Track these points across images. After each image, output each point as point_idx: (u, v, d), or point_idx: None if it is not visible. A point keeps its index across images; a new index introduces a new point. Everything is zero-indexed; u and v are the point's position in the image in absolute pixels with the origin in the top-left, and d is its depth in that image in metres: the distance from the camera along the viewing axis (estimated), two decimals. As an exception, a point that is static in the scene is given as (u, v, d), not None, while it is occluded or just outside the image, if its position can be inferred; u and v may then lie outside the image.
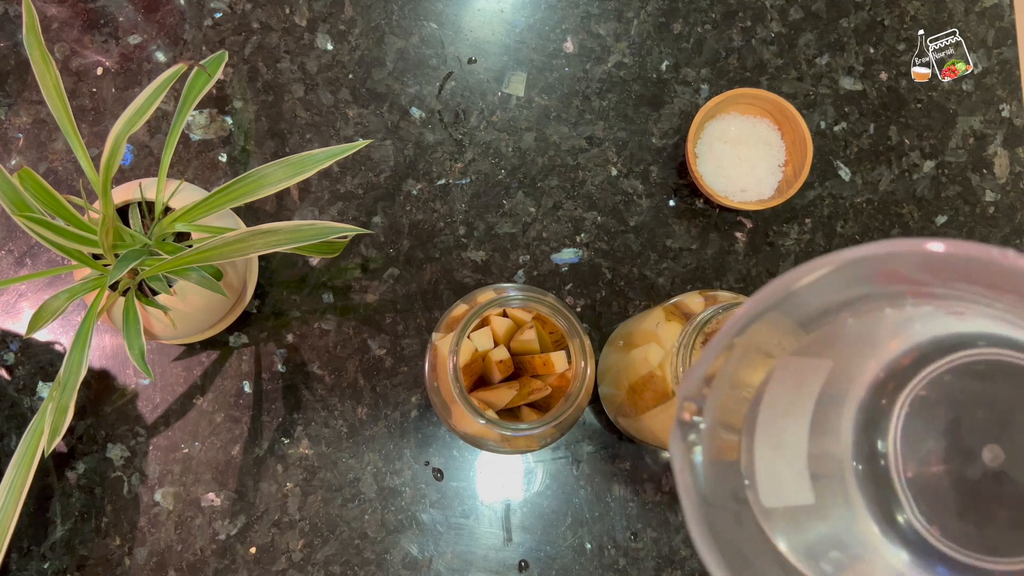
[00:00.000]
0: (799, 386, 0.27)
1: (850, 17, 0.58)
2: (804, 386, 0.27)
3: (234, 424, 0.52)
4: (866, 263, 0.23)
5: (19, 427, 0.51)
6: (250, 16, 0.57)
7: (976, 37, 0.58)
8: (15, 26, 0.56)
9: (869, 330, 0.29)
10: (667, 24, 0.58)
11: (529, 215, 0.55)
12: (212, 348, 0.52)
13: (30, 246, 0.54)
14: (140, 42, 0.56)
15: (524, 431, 0.39)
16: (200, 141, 0.55)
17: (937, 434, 0.26)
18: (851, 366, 0.29)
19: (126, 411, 0.52)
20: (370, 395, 0.52)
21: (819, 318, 0.28)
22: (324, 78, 0.56)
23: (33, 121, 0.55)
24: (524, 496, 0.52)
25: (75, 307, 0.52)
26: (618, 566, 0.51)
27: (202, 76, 0.43)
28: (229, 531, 0.50)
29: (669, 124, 0.57)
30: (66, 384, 0.40)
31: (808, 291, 0.24)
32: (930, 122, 0.57)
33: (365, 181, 0.55)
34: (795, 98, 0.57)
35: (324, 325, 0.53)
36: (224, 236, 0.40)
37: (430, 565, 0.50)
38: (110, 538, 0.50)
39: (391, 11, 0.57)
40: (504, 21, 0.58)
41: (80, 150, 0.42)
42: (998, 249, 0.20)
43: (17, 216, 0.38)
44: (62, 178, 0.54)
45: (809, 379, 0.27)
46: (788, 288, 0.24)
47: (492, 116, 0.56)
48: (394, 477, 0.51)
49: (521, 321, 0.45)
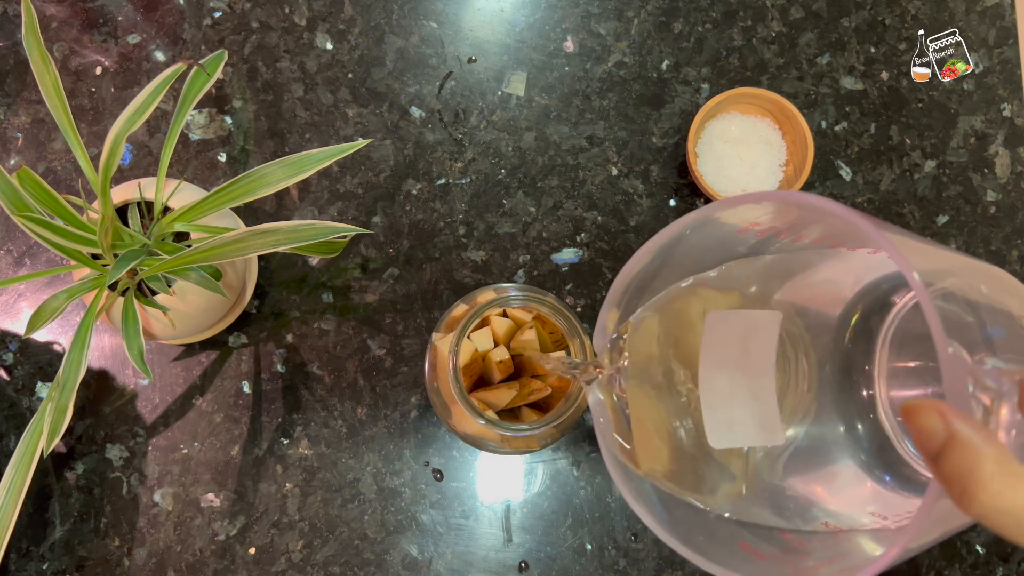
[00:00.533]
0: (747, 338, 0.29)
1: (851, 16, 0.58)
2: (756, 336, 0.29)
3: (233, 424, 0.51)
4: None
5: (18, 427, 0.51)
6: (249, 15, 0.56)
7: (977, 36, 0.58)
8: (14, 25, 0.56)
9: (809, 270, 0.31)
10: (667, 23, 0.58)
11: (529, 215, 0.55)
12: (211, 348, 0.52)
13: (29, 246, 0.53)
14: (139, 41, 0.56)
15: (524, 431, 0.39)
16: (199, 141, 0.55)
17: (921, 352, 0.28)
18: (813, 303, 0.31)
19: (125, 411, 0.51)
20: (370, 395, 0.52)
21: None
22: (324, 77, 0.56)
23: (32, 121, 0.55)
24: (524, 497, 0.51)
25: (74, 307, 0.52)
26: (618, 567, 0.50)
27: (201, 76, 0.43)
28: (228, 532, 0.50)
29: (669, 124, 0.57)
30: (65, 384, 0.40)
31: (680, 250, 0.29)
32: (931, 122, 0.57)
33: (365, 181, 0.55)
34: (796, 97, 0.57)
35: (324, 325, 0.53)
36: (223, 236, 0.40)
37: (430, 566, 0.50)
38: (109, 539, 0.50)
39: (391, 10, 0.57)
40: (504, 20, 0.58)
41: (79, 150, 0.41)
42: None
43: (16, 216, 0.38)
44: (61, 178, 0.54)
45: (761, 330, 0.29)
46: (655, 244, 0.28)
47: (492, 116, 0.56)
48: (394, 478, 0.51)
49: (521, 321, 0.45)
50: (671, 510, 0.29)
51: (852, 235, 0.28)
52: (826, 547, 0.28)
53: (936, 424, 0.20)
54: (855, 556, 0.27)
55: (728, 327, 0.29)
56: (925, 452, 0.20)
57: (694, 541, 0.27)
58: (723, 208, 0.27)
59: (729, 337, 0.29)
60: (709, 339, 0.29)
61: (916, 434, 0.20)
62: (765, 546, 0.28)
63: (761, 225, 0.28)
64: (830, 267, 0.31)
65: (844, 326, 0.29)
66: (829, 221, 0.27)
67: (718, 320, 0.29)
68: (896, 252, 0.20)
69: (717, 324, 0.29)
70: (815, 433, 0.30)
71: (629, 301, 0.32)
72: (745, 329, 0.29)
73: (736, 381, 0.29)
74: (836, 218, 0.23)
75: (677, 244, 0.29)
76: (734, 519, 0.29)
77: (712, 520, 0.30)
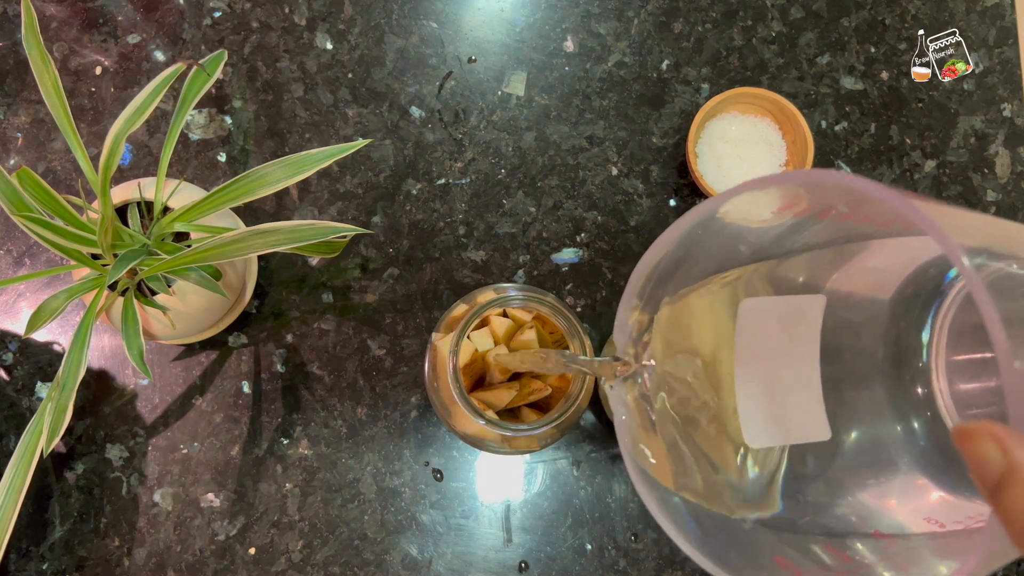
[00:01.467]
0: (787, 325, 0.26)
1: (851, 16, 0.58)
2: (797, 322, 0.26)
3: (233, 424, 0.51)
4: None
5: (18, 427, 0.51)
6: (249, 15, 0.56)
7: (977, 36, 0.58)
8: (14, 25, 0.56)
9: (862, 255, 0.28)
10: (668, 23, 0.58)
11: (529, 215, 0.55)
12: (211, 348, 0.52)
13: (29, 246, 0.53)
14: (139, 41, 0.56)
15: (524, 432, 0.39)
16: (199, 140, 0.55)
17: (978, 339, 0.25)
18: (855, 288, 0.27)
19: (125, 411, 0.51)
20: (370, 395, 0.52)
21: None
22: (323, 77, 0.56)
23: (32, 121, 0.55)
24: (524, 497, 0.51)
25: (74, 307, 0.52)
26: (618, 567, 0.50)
27: (201, 75, 0.43)
28: (228, 532, 0.50)
29: (670, 123, 0.56)
30: (65, 384, 0.40)
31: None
32: (931, 122, 0.57)
33: (365, 181, 0.55)
34: (796, 97, 0.57)
35: (323, 325, 0.53)
36: (223, 236, 0.40)
37: (430, 566, 0.50)
38: (109, 539, 0.50)
39: (391, 10, 0.57)
40: (504, 20, 0.57)
41: (79, 150, 0.41)
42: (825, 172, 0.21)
43: (16, 216, 0.38)
44: (61, 178, 0.54)
45: (804, 315, 0.26)
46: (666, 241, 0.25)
47: (492, 115, 0.56)
48: (394, 478, 0.51)
49: (521, 321, 0.45)
50: (700, 521, 0.26)
51: (899, 215, 0.25)
52: (875, 558, 0.25)
53: (994, 453, 0.17)
54: (912, 570, 0.24)
55: (765, 315, 0.26)
56: (982, 483, 0.18)
57: (727, 559, 0.24)
58: (756, 188, 0.23)
59: (766, 325, 0.26)
60: (744, 329, 0.26)
61: (971, 462, 0.18)
62: (804, 561, 0.25)
63: (798, 206, 0.25)
64: (880, 247, 0.27)
65: (898, 312, 0.26)
66: (866, 201, 0.23)
67: (753, 308, 0.26)
68: (941, 234, 0.17)
69: (752, 312, 0.26)
70: (865, 429, 0.27)
71: (653, 291, 0.28)
72: (784, 316, 0.26)
73: (776, 372, 0.26)
74: (858, 196, 0.20)
75: (703, 230, 0.26)
76: (770, 530, 0.26)
77: (745, 531, 0.26)
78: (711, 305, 0.28)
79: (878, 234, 0.26)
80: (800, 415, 0.26)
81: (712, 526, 0.26)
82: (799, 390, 0.26)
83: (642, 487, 0.25)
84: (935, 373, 0.25)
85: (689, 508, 0.26)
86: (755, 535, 0.26)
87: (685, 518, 0.25)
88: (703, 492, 0.27)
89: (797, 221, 0.26)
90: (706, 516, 0.26)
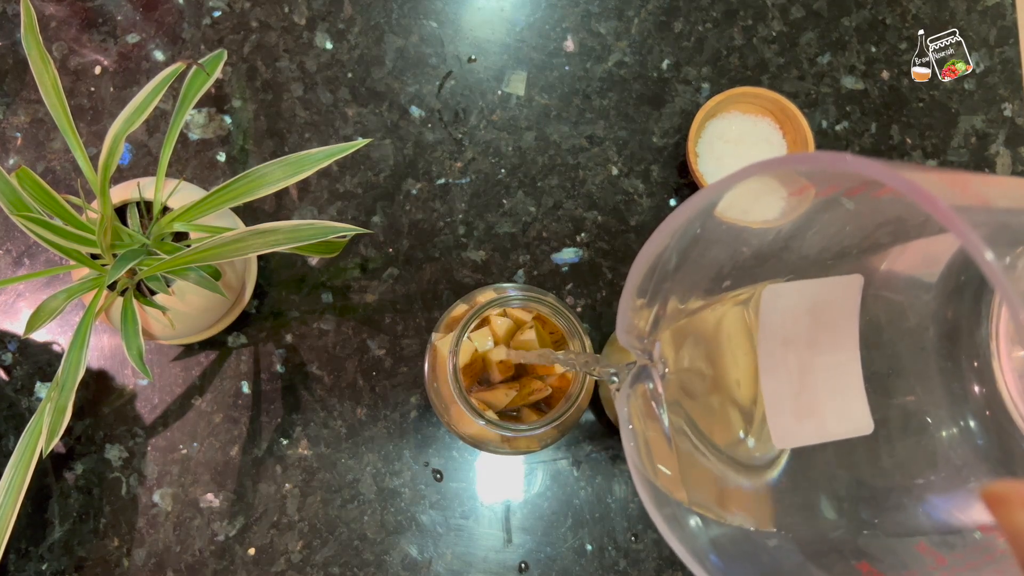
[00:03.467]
0: (818, 310, 0.23)
1: (851, 16, 0.58)
2: (831, 306, 0.23)
3: (233, 425, 0.51)
4: None
5: (17, 427, 0.51)
6: (249, 15, 0.56)
7: (978, 36, 0.58)
8: (13, 25, 0.56)
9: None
10: (668, 23, 0.58)
11: (529, 215, 0.55)
12: (211, 348, 0.52)
13: (28, 246, 0.53)
14: (138, 41, 0.56)
15: (524, 432, 0.39)
16: (199, 140, 0.55)
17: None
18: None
19: (124, 412, 0.51)
20: (369, 395, 0.52)
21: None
22: (323, 77, 0.56)
23: (31, 120, 0.55)
24: (524, 497, 0.51)
25: (73, 307, 0.52)
26: (619, 567, 0.50)
27: (201, 75, 0.43)
28: (228, 532, 0.50)
29: (670, 123, 0.56)
30: (64, 384, 0.40)
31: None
32: (932, 121, 0.57)
33: (364, 180, 0.55)
34: (796, 97, 0.57)
35: (323, 325, 0.53)
36: (223, 236, 0.40)
37: (430, 566, 0.50)
38: (108, 539, 0.50)
39: (390, 10, 0.57)
40: (504, 20, 0.57)
41: (78, 149, 0.41)
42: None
43: (15, 216, 0.38)
44: (60, 178, 0.54)
45: (837, 297, 0.23)
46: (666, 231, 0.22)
47: (492, 115, 0.56)
48: (393, 478, 0.51)
49: (521, 321, 0.45)
50: (718, 544, 0.23)
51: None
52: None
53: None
54: None
55: (791, 300, 0.24)
56: (1018, 554, 0.15)
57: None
58: (770, 168, 0.20)
59: (794, 311, 0.24)
60: (768, 316, 0.24)
61: (1006, 531, 0.16)
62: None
63: (820, 185, 0.22)
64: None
65: (947, 289, 0.23)
66: None
67: (777, 294, 0.24)
68: (959, 226, 0.14)
69: (777, 299, 0.24)
70: (911, 420, 0.24)
71: (657, 285, 0.25)
72: (814, 300, 0.24)
73: (807, 362, 0.24)
74: (860, 178, 0.18)
75: (702, 227, 0.23)
76: (797, 550, 0.23)
77: (770, 550, 0.23)
78: (723, 318, 0.26)
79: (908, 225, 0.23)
80: (838, 408, 0.23)
81: (734, 550, 0.23)
82: (834, 379, 0.23)
83: (650, 502, 0.23)
84: (996, 358, 0.22)
85: (708, 530, 0.23)
86: (780, 553, 0.23)
87: (706, 549, 0.22)
88: (718, 503, 0.24)
89: (797, 223, 0.24)
90: (726, 537, 0.23)
